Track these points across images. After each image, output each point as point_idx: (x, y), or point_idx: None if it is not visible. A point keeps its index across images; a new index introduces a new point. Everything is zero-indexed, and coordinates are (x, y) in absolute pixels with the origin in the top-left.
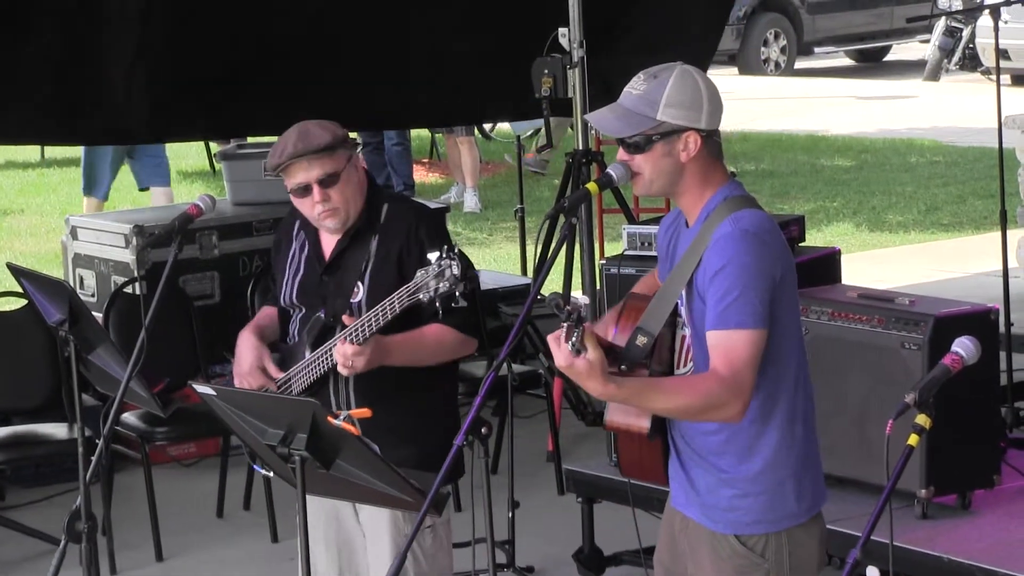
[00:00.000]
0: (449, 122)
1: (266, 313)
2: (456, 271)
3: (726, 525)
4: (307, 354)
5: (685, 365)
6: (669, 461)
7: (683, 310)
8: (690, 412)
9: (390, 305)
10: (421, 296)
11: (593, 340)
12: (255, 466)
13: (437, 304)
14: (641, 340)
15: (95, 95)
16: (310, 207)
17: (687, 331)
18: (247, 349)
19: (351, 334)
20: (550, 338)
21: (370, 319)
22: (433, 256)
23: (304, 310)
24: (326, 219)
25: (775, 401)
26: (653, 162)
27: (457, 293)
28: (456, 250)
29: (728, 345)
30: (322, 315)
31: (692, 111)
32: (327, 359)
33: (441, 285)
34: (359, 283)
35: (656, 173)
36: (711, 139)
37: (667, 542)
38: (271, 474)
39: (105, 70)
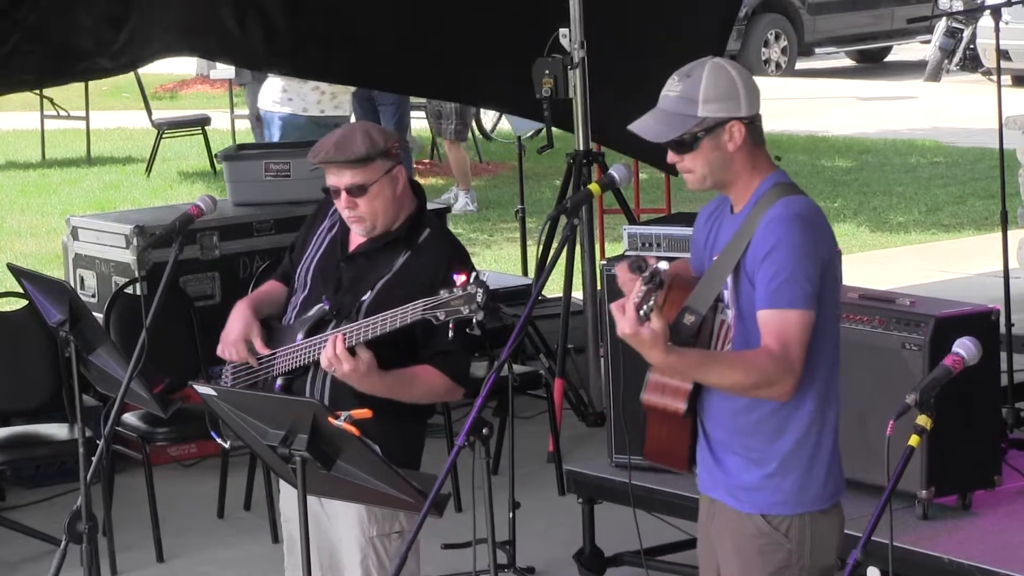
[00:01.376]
0: (445, 96)
1: (266, 289)
2: (481, 299)
3: (753, 505)
4: (299, 338)
5: (721, 349)
6: (698, 448)
7: (727, 293)
8: (744, 387)
9: (401, 315)
10: (438, 314)
11: (657, 310)
12: (212, 433)
13: (450, 326)
14: (689, 319)
15: (67, 33)
16: (340, 209)
17: (728, 314)
18: (238, 320)
19: (351, 333)
20: (613, 306)
21: (374, 323)
22: (459, 279)
23: (308, 290)
24: (352, 223)
25: (811, 383)
26: (703, 159)
27: (475, 320)
28: (484, 278)
29: (779, 324)
30: (325, 306)
31: (731, 101)
32: (315, 350)
33: (463, 309)
34: (370, 290)
35: (707, 169)
36: (753, 125)
37: (703, 535)
38: (227, 444)
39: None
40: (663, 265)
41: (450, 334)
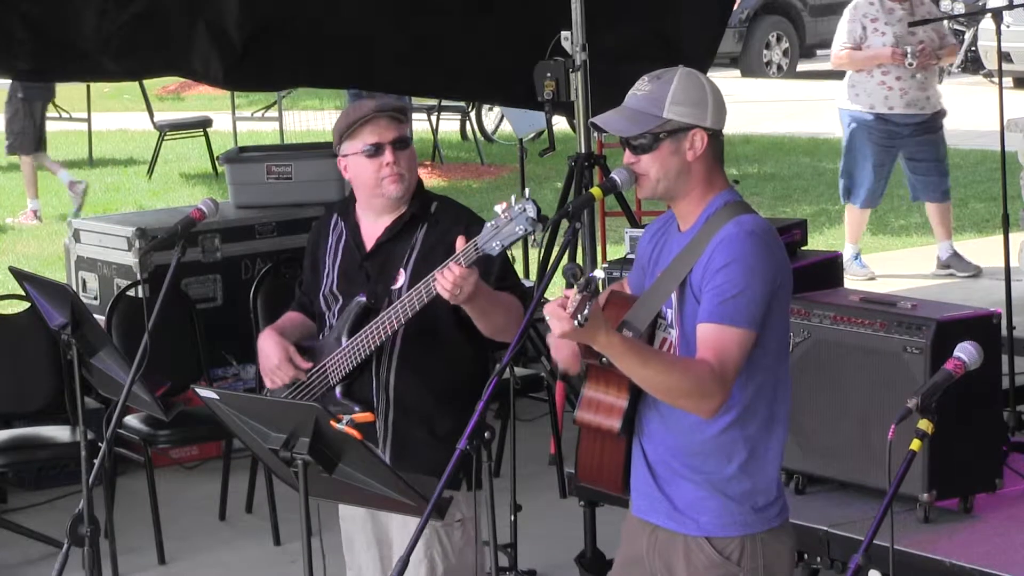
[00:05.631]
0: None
1: (288, 317)
2: (532, 212)
3: (699, 527)
4: (344, 341)
5: None
6: (633, 471)
7: (670, 312)
8: (676, 392)
9: (463, 256)
10: (494, 244)
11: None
12: None
13: (509, 252)
14: (627, 335)
15: (66, 27)
16: (375, 170)
17: (671, 333)
18: (271, 346)
19: (459, 258)
20: (549, 307)
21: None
22: (499, 207)
23: (341, 300)
24: (391, 184)
25: (756, 405)
26: (660, 161)
27: (534, 235)
28: (527, 196)
29: (719, 340)
30: (362, 298)
31: (698, 109)
32: (367, 345)
33: (517, 229)
34: (402, 269)
35: (663, 173)
36: (716, 139)
37: (625, 565)
38: None
39: (74, 3)
40: (598, 273)
41: (512, 260)
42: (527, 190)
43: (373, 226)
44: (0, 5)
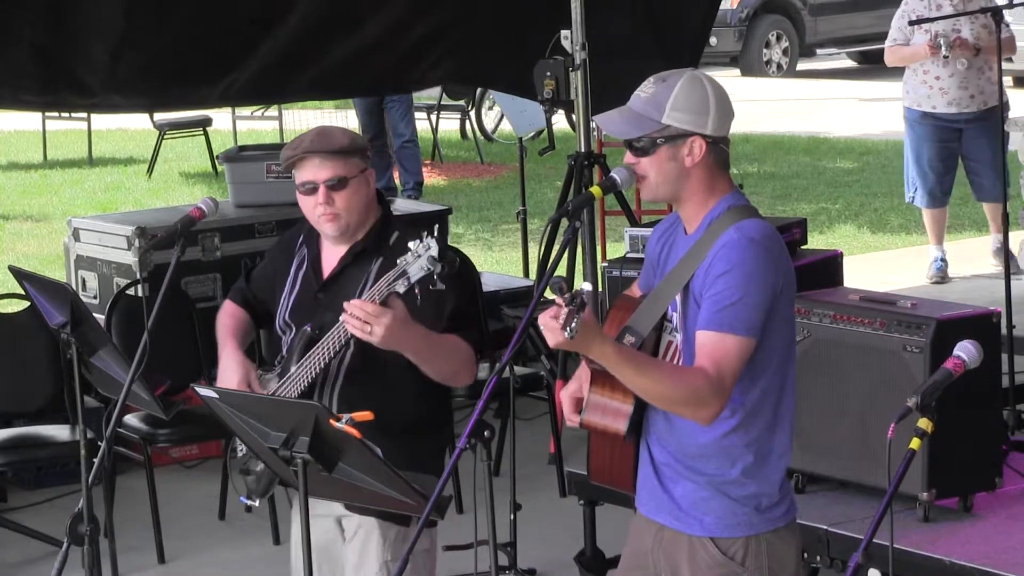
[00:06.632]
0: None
1: (230, 313)
2: (434, 252)
3: (703, 528)
4: (292, 369)
5: None
6: (641, 469)
7: (675, 316)
8: (671, 400)
9: (378, 294)
10: (397, 286)
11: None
12: (242, 498)
13: (416, 291)
14: (628, 340)
15: (77, 63)
16: (312, 207)
17: (676, 337)
18: (232, 369)
19: (368, 296)
20: (542, 317)
21: (373, 294)
22: (413, 244)
23: (295, 329)
24: (325, 223)
25: (759, 409)
26: (658, 166)
27: (435, 275)
28: (435, 235)
29: (717, 347)
30: (308, 328)
31: (698, 116)
32: (311, 370)
33: (420, 269)
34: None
35: (661, 177)
36: (717, 146)
37: (631, 563)
38: (256, 504)
39: (88, 39)
40: (586, 287)
41: (418, 300)
42: (435, 226)
43: (331, 254)
44: (11, 36)
